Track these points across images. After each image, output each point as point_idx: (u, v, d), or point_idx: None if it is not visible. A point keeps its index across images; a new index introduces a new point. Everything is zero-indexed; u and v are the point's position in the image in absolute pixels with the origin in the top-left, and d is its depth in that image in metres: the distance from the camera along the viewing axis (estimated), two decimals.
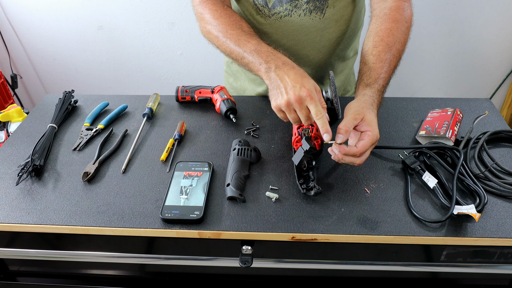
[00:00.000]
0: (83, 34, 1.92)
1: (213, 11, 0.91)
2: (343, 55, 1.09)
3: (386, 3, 0.89)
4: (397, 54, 0.84)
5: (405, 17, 0.87)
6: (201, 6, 0.94)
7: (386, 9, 0.88)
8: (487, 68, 1.96)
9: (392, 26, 0.85)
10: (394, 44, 0.83)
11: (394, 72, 0.84)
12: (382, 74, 0.81)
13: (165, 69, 2.04)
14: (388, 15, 0.87)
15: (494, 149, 0.87)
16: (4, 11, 1.88)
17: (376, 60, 0.82)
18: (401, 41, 0.85)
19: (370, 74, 0.81)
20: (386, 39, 0.84)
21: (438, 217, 0.71)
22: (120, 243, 0.78)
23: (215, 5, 0.92)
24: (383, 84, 0.80)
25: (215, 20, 0.90)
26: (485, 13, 1.77)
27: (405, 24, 0.87)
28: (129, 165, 0.86)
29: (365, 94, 0.79)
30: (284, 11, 0.94)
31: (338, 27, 0.98)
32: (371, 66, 0.81)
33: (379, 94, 0.79)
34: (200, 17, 0.94)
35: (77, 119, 1.02)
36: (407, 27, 0.87)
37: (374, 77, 0.80)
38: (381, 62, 0.81)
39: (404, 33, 0.86)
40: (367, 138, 0.72)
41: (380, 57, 0.82)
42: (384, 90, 0.81)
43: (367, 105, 0.76)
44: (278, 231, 0.70)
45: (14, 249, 0.81)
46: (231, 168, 0.81)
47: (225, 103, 0.98)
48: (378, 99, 0.79)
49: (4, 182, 0.82)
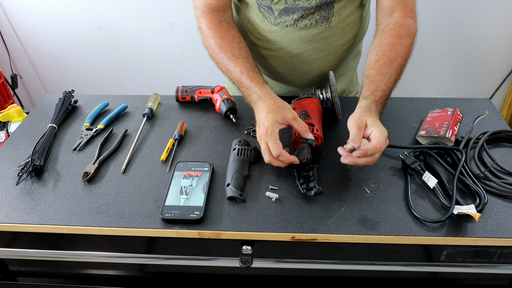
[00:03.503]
0: (83, 34, 1.92)
1: (209, 28, 0.94)
2: (347, 59, 1.09)
3: (392, 18, 0.91)
4: (398, 68, 0.85)
5: (409, 33, 0.89)
6: (199, 20, 0.97)
7: (391, 24, 0.90)
8: (487, 68, 1.96)
9: (395, 41, 0.87)
10: (396, 59, 0.85)
11: (395, 85, 0.86)
12: (381, 86, 0.82)
13: (165, 69, 2.04)
14: (392, 30, 0.89)
15: (494, 149, 0.87)
16: (4, 11, 1.88)
17: (376, 73, 0.83)
18: (403, 56, 0.86)
19: (369, 87, 0.83)
20: (389, 53, 0.85)
21: (438, 217, 0.71)
22: (120, 243, 0.78)
23: (212, 21, 0.94)
24: (381, 96, 0.82)
25: (209, 39, 0.94)
26: (485, 13, 1.77)
27: (408, 40, 0.88)
28: (129, 165, 0.86)
29: (360, 106, 0.80)
30: (290, 21, 0.94)
31: (343, 35, 0.99)
32: (371, 80, 0.83)
33: (376, 104, 0.80)
34: (200, 31, 0.97)
35: (77, 119, 1.02)
36: (410, 43, 0.89)
37: (372, 89, 0.82)
38: (381, 76, 0.83)
39: (407, 48, 0.88)
40: (378, 134, 0.73)
41: (381, 71, 0.83)
42: (382, 101, 0.82)
43: (364, 112, 0.77)
44: (278, 231, 0.70)
45: (14, 249, 0.81)
46: (231, 168, 0.81)
47: (225, 103, 0.98)
48: (376, 108, 0.80)
49: (4, 182, 0.82)
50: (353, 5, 0.96)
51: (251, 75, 0.86)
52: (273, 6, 0.93)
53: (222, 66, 0.92)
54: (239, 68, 0.87)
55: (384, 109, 0.84)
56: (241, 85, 0.88)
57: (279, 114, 0.78)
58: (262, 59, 1.06)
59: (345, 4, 0.94)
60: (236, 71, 0.88)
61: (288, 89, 1.12)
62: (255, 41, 1.03)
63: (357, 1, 0.96)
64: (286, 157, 0.76)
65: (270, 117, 0.78)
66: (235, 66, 0.88)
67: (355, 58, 1.15)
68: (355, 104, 0.83)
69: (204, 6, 0.96)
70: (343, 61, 1.07)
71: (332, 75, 0.94)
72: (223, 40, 0.92)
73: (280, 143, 0.76)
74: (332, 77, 0.93)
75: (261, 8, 0.95)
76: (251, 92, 0.85)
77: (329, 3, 0.92)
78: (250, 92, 0.85)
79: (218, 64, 0.94)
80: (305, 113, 0.89)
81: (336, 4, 0.93)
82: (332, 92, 0.93)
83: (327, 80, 1.09)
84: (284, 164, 0.78)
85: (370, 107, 0.79)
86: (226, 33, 0.93)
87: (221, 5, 0.96)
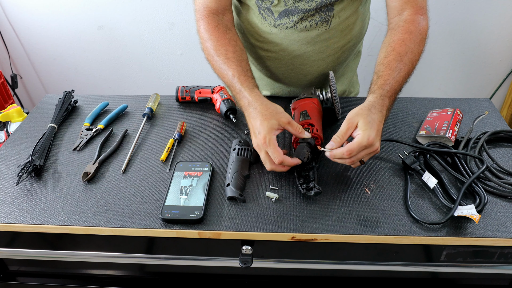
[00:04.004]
0: (83, 34, 1.92)
1: (206, 31, 0.94)
2: (347, 60, 1.09)
3: (402, 17, 0.90)
4: (409, 63, 0.83)
5: (420, 29, 0.87)
6: (198, 23, 0.97)
7: (401, 21, 0.89)
8: (487, 68, 1.96)
9: (405, 37, 0.85)
10: (406, 54, 0.83)
11: (406, 80, 0.84)
12: (390, 80, 0.80)
13: (165, 69, 2.04)
14: (402, 27, 0.88)
15: (494, 149, 0.87)
16: (4, 11, 1.88)
17: (385, 68, 0.82)
18: (413, 52, 0.85)
19: (377, 82, 0.81)
20: (398, 49, 0.84)
21: (438, 217, 0.71)
22: (120, 243, 0.78)
23: (209, 24, 0.94)
24: (389, 89, 0.79)
25: (206, 42, 0.94)
26: (485, 13, 1.77)
27: (419, 35, 0.87)
28: (129, 165, 0.86)
29: (366, 101, 0.79)
30: (290, 23, 0.94)
31: (343, 36, 0.99)
32: (380, 75, 0.82)
33: (383, 99, 0.78)
34: (198, 34, 0.97)
35: (77, 119, 1.02)
36: (421, 38, 0.87)
37: (380, 83, 0.80)
38: (389, 70, 0.81)
39: (418, 44, 0.86)
40: (356, 140, 0.73)
41: (390, 65, 0.82)
42: (390, 95, 0.80)
43: (363, 111, 0.75)
44: (278, 231, 0.70)
45: (14, 249, 0.81)
46: (231, 168, 0.81)
47: (225, 103, 0.98)
48: (382, 103, 0.78)
49: (4, 182, 0.82)
50: (353, 7, 0.96)
51: (241, 79, 0.85)
52: (273, 8, 0.93)
53: (216, 69, 0.92)
54: (231, 72, 0.87)
55: (394, 104, 0.82)
56: (232, 88, 0.87)
57: (274, 120, 0.77)
58: (263, 61, 1.06)
59: (345, 6, 0.94)
60: (229, 74, 0.87)
61: (288, 89, 1.12)
62: (256, 43, 1.03)
63: (357, 2, 0.96)
64: (288, 162, 0.75)
65: (265, 124, 0.77)
66: (228, 69, 0.87)
67: (355, 59, 1.14)
68: (355, 104, 0.82)
69: (203, 9, 0.95)
70: (343, 62, 1.07)
71: (332, 75, 0.94)
72: (219, 43, 0.91)
73: (280, 149, 0.75)
74: (332, 77, 0.93)
75: (261, 10, 0.95)
76: (241, 97, 0.84)
77: (329, 5, 0.91)
78: (240, 97, 0.84)
79: (213, 67, 0.93)
80: (305, 113, 0.89)
81: (336, 6, 0.93)
82: (332, 92, 0.93)
83: (327, 80, 1.09)
84: (287, 169, 0.78)
85: (374, 104, 0.77)
86: (222, 36, 0.92)
87: (221, 8, 0.96)
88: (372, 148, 0.73)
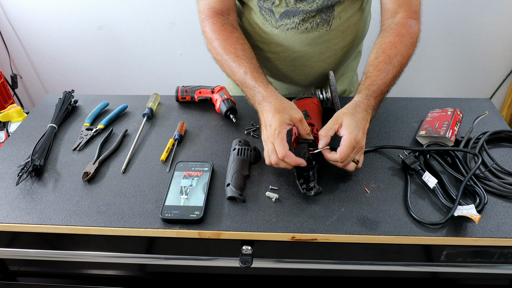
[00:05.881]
0: (83, 34, 1.92)
1: (212, 31, 0.94)
2: (348, 60, 1.09)
3: (395, 19, 0.91)
4: (398, 65, 0.85)
5: (411, 33, 0.89)
6: (203, 23, 0.97)
7: (393, 24, 0.90)
8: (487, 68, 1.96)
9: (395, 39, 0.87)
10: (396, 56, 0.85)
11: (394, 82, 0.86)
12: (377, 81, 0.82)
13: (165, 69, 2.04)
14: (394, 29, 0.89)
15: (494, 149, 0.87)
16: (4, 11, 1.88)
17: (374, 69, 0.84)
18: (403, 55, 0.86)
19: (364, 82, 0.83)
20: (388, 51, 0.85)
21: (438, 217, 0.71)
22: (120, 243, 0.78)
23: (215, 24, 0.94)
24: (375, 90, 0.81)
25: (213, 42, 0.93)
26: (485, 13, 1.77)
27: (410, 39, 0.88)
28: (129, 165, 0.86)
29: (352, 100, 0.80)
30: (291, 24, 0.94)
31: (344, 37, 0.99)
32: (368, 75, 0.83)
33: (368, 99, 0.80)
34: (204, 34, 0.97)
35: (77, 119, 1.02)
36: (412, 42, 0.89)
37: (367, 84, 0.82)
38: (378, 71, 0.83)
39: (408, 47, 0.87)
40: (344, 143, 0.73)
41: (379, 67, 0.83)
42: (376, 96, 0.81)
43: (349, 110, 0.77)
44: (278, 231, 0.70)
45: (14, 249, 0.81)
46: (231, 168, 0.81)
47: (225, 103, 0.98)
48: (367, 103, 0.79)
49: (4, 182, 0.82)
50: (354, 8, 0.96)
51: (255, 76, 0.85)
52: (274, 9, 0.93)
53: (226, 67, 0.91)
54: (243, 69, 0.87)
55: (381, 105, 0.83)
56: (244, 86, 0.87)
57: (286, 115, 0.77)
58: (263, 61, 1.06)
59: (345, 7, 0.94)
60: (240, 72, 0.87)
61: (289, 89, 1.12)
62: (257, 44, 1.03)
63: (357, 3, 0.96)
64: (292, 159, 0.75)
65: (277, 117, 0.76)
66: (239, 67, 0.87)
67: (355, 59, 1.15)
68: None
69: (208, 10, 0.95)
70: (344, 62, 1.07)
71: (332, 75, 0.94)
72: (227, 42, 0.91)
73: (286, 144, 0.75)
74: (332, 77, 0.94)
75: (262, 11, 0.95)
76: (255, 93, 0.84)
77: (329, 6, 0.92)
78: (254, 93, 0.84)
79: (222, 66, 0.93)
80: (305, 113, 0.89)
81: (336, 7, 0.93)
82: (332, 92, 0.93)
83: (327, 80, 1.09)
84: (291, 166, 0.77)
85: (359, 103, 0.79)
86: (230, 35, 0.93)
87: (225, 8, 0.96)
88: (359, 146, 0.75)
